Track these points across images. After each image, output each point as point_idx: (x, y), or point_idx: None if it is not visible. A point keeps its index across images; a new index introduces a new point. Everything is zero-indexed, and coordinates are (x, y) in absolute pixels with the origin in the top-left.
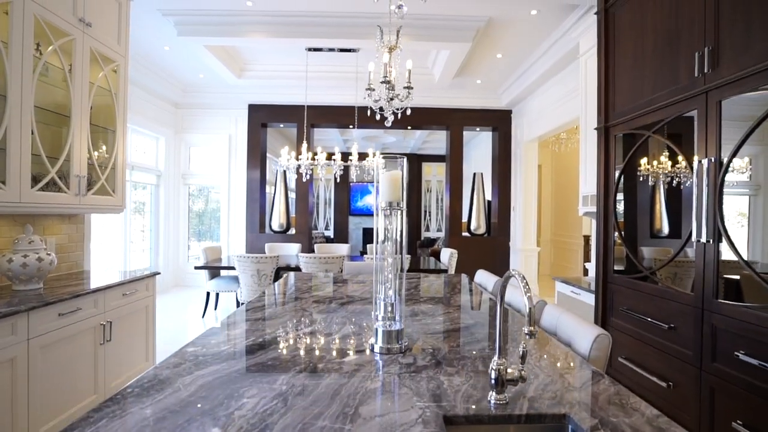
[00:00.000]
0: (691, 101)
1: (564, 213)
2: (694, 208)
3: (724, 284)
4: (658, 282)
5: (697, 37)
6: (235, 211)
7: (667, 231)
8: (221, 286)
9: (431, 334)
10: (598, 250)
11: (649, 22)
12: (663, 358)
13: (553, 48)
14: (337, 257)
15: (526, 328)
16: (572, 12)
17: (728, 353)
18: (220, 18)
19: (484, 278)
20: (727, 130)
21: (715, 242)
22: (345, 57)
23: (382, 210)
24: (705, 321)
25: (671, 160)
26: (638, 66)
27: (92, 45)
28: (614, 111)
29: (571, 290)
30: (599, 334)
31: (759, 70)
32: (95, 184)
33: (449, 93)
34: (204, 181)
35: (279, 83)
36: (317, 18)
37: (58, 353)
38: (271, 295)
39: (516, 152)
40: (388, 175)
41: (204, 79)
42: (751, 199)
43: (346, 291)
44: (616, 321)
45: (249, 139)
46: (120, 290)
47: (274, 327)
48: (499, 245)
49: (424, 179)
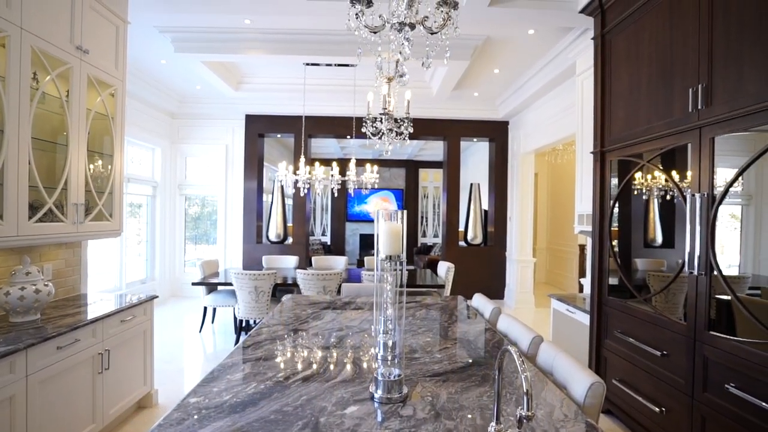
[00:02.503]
0: (685, 134)
1: (560, 221)
2: (688, 240)
3: (716, 313)
4: (652, 302)
5: (691, 74)
6: (232, 222)
7: (660, 242)
8: (218, 300)
9: (430, 377)
10: (593, 274)
11: (645, 51)
12: (656, 384)
13: (550, 65)
14: (335, 274)
15: (524, 410)
16: (569, 32)
17: (719, 384)
18: (218, 35)
19: (481, 304)
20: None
21: (707, 275)
22: (342, 70)
23: (382, 262)
24: (697, 351)
25: (665, 174)
26: (634, 94)
27: (89, 72)
28: (610, 137)
29: (567, 308)
30: (594, 383)
31: (751, 112)
32: (93, 210)
33: (447, 105)
34: (201, 192)
35: (276, 95)
36: (315, 36)
37: (56, 386)
38: (270, 326)
39: (513, 163)
40: (388, 227)
41: (201, 90)
42: (743, 209)
43: (345, 320)
44: (610, 343)
45: (246, 149)
46: (118, 317)
47: (274, 369)
48: (495, 255)
49: (420, 185)
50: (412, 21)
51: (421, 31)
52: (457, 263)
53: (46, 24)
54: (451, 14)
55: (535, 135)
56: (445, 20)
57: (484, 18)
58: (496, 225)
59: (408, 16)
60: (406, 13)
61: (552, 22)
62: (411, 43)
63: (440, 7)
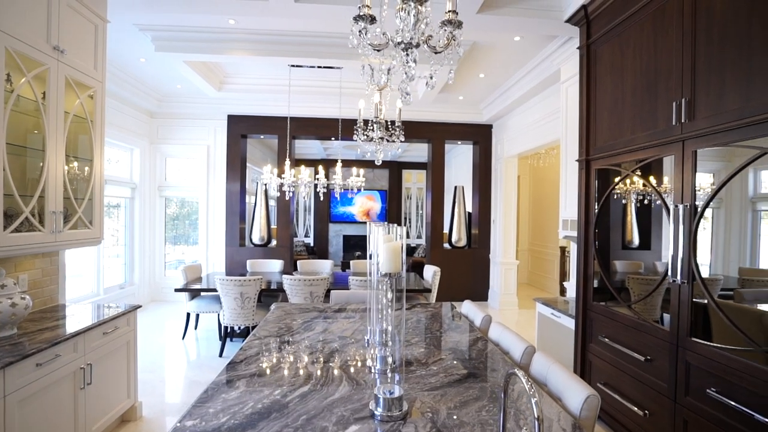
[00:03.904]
0: (669, 146)
1: (541, 223)
2: (671, 249)
3: (693, 317)
4: (631, 304)
5: (674, 87)
6: (214, 225)
7: (638, 245)
8: (202, 306)
9: (428, 391)
10: (579, 279)
11: (630, 63)
12: (640, 387)
13: (534, 71)
14: (322, 279)
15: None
16: (553, 40)
17: (701, 389)
18: (201, 35)
19: (472, 311)
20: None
21: (689, 283)
22: (328, 72)
23: (380, 281)
24: (679, 357)
25: (649, 184)
26: (619, 104)
27: (67, 73)
28: (595, 146)
29: (552, 313)
30: (589, 395)
31: (732, 128)
32: (72, 218)
33: (432, 108)
34: (182, 193)
35: (260, 96)
36: (300, 37)
37: (36, 405)
38: (261, 338)
39: (496, 166)
40: (388, 246)
41: (182, 89)
42: (714, 211)
43: (338, 330)
44: (595, 347)
45: (228, 150)
46: (100, 329)
47: (270, 386)
48: (479, 257)
49: (404, 186)
50: (417, 41)
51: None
52: (442, 265)
53: (20, 23)
54: (455, 34)
55: (518, 139)
56: (449, 39)
57: (472, 24)
58: (480, 227)
59: (413, 37)
60: (411, 34)
61: (538, 30)
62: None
63: (444, 26)
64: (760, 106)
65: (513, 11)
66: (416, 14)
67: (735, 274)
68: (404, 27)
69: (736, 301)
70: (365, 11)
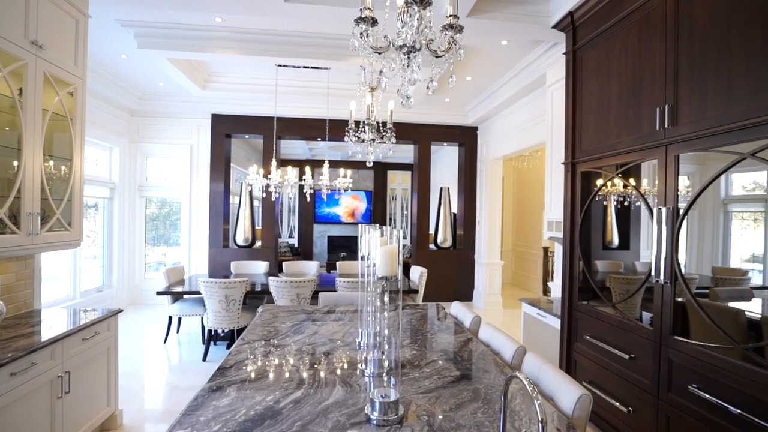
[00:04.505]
0: (652, 151)
1: (524, 224)
2: (654, 250)
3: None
4: (613, 302)
5: (658, 94)
6: (197, 226)
7: (617, 243)
8: (185, 309)
9: (422, 393)
10: (564, 280)
11: (615, 69)
12: (624, 385)
13: (520, 75)
14: (308, 281)
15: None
16: (539, 45)
17: (683, 385)
18: (186, 32)
19: (461, 312)
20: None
21: (672, 283)
22: (316, 72)
23: (375, 285)
24: (662, 355)
25: (633, 187)
26: (604, 108)
27: (46, 69)
28: (581, 149)
29: (538, 313)
30: (581, 395)
31: (712, 134)
32: (50, 220)
33: (418, 109)
34: (163, 194)
35: (245, 95)
36: (288, 37)
37: (10, 417)
38: (250, 342)
39: (481, 168)
40: (385, 249)
41: (164, 87)
42: (689, 213)
43: (328, 333)
44: (580, 346)
45: (212, 149)
46: (80, 336)
47: (262, 392)
48: (464, 258)
49: (389, 187)
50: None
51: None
52: (428, 266)
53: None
54: (455, 38)
55: (504, 142)
56: (450, 44)
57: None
58: (465, 228)
59: (416, 41)
60: (414, 38)
61: (525, 35)
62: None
63: (445, 31)
64: (738, 113)
65: (502, 15)
66: (419, 18)
67: (709, 273)
68: (408, 30)
69: (712, 300)
70: (367, 13)
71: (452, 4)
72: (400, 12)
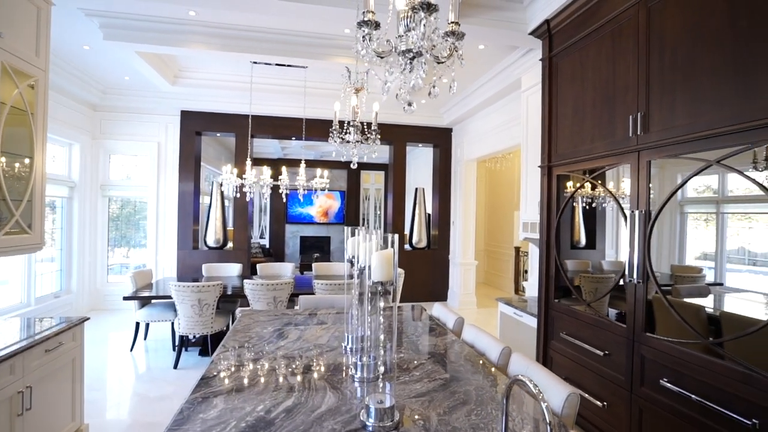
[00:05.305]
0: (626, 156)
1: (496, 225)
2: (628, 251)
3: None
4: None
5: (631, 102)
6: (165, 226)
7: (585, 243)
8: (153, 315)
9: (415, 397)
10: (541, 280)
11: (590, 77)
12: (599, 380)
13: (496, 79)
14: (285, 283)
15: None
16: (515, 50)
17: (654, 380)
18: (157, 25)
19: (443, 313)
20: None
21: (644, 283)
22: (292, 71)
23: (370, 289)
24: (635, 351)
25: (607, 191)
26: (579, 114)
27: (4, 59)
28: (557, 153)
29: (514, 312)
30: (570, 394)
31: (681, 141)
32: (8, 222)
33: (394, 110)
34: (128, 193)
35: (217, 92)
36: (264, 34)
37: None
38: (233, 349)
39: (456, 169)
40: (381, 254)
41: (130, 81)
42: (660, 215)
43: (312, 338)
44: (556, 344)
45: (181, 147)
46: (42, 347)
47: (251, 402)
48: (439, 258)
49: (362, 187)
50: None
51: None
52: (403, 267)
53: None
54: (457, 45)
55: (478, 143)
56: (451, 50)
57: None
58: (440, 229)
59: (422, 46)
60: (420, 43)
61: (503, 41)
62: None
63: (447, 37)
64: (705, 123)
65: (481, 21)
66: (425, 24)
67: (668, 271)
68: (414, 36)
69: (674, 297)
70: (369, 17)
71: (453, 10)
72: (402, 16)
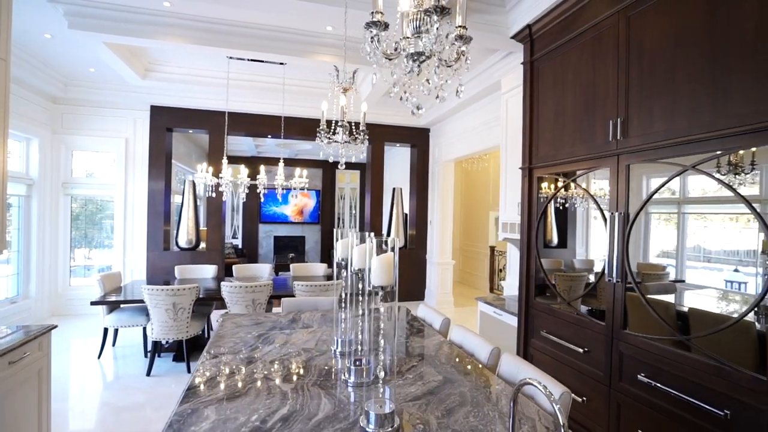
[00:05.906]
0: (605, 160)
1: (471, 224)
2: (607, 252)
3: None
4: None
5: (611, 107)
6: (134, 227)
7: (557, 242)
8: (123, 320)
9: (411, 401)
10: (521, 279)
11: (570, 81)
12: (579, 377)
13: (476, 80)
14: (264, 285)
15: None
16: (495, 53)
17: (632, 375)
18: (127, 14)
19: (429, 314)
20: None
21: (623, 282)
22: (270, 67)
23: (371, 292)
24: (614, 348)
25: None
26: (560, 118)
27: None
28: (538, 155)
29: (494, 311)
30: (563, 393)
31: (659, 147)
32: None
33: (372, 109)
34: (93, 192)
35: (190, 87)
36: (242, 29)
37: None
38: (219, 356)
39: (433, 169)
40: (381, 258)
41: (95, 73)
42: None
43: (299, 342)
44: (536, 342)
45: (151, 144)
46: (6, 359)
47: (245, 412)
48: (416, 258)
49: (337, 186)
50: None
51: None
52: None
53: None
54: (464, 50)
55: (456, 144)
56: (459, 54)
57: None
58: (417, 228)
59: (433, 49)
60: (431, 47)
61: (485, 43)
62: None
63: (455, 42)
64: (682, 129)
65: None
66: (438, 27)
67: (635, 269)
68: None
69: (644, 294)
70: (378, 17)
71: (460, 13)
72: (411, 18)
